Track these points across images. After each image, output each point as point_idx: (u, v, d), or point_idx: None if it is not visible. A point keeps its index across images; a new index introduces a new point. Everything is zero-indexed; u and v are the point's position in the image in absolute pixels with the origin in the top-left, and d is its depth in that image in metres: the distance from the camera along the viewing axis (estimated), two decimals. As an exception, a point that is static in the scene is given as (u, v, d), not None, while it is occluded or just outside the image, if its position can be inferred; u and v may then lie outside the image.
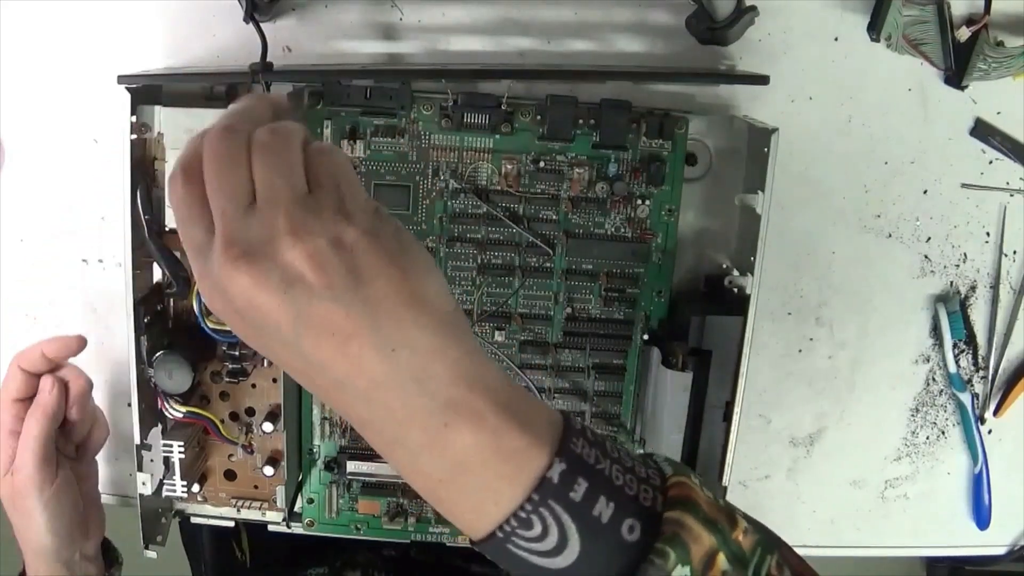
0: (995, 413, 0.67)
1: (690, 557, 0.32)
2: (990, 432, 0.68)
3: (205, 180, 0.34)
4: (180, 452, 0.58)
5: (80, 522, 0.59)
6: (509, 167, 0.58)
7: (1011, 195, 0.63)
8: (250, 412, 0.62)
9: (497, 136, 0.58)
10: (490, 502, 0.33)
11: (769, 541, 0.35)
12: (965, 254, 0.64)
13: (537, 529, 0.32)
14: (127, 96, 0.54)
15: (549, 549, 0.32)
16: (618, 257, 0.60)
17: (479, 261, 0.60)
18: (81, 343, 0.58)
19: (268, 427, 0.61)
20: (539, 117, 0.57)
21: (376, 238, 0.33)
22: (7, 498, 0.57)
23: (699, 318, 0.56)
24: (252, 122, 0.35)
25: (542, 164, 0.58)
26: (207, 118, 0.55)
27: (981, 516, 0.69)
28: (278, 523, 0.65)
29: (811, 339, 0.65)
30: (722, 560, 0.33)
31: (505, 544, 0.33)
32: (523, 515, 0.32)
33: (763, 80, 0.56)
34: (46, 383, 0.57)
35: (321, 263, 0.31)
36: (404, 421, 0.33)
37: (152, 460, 0.59)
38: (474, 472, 0.33)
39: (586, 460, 0.33)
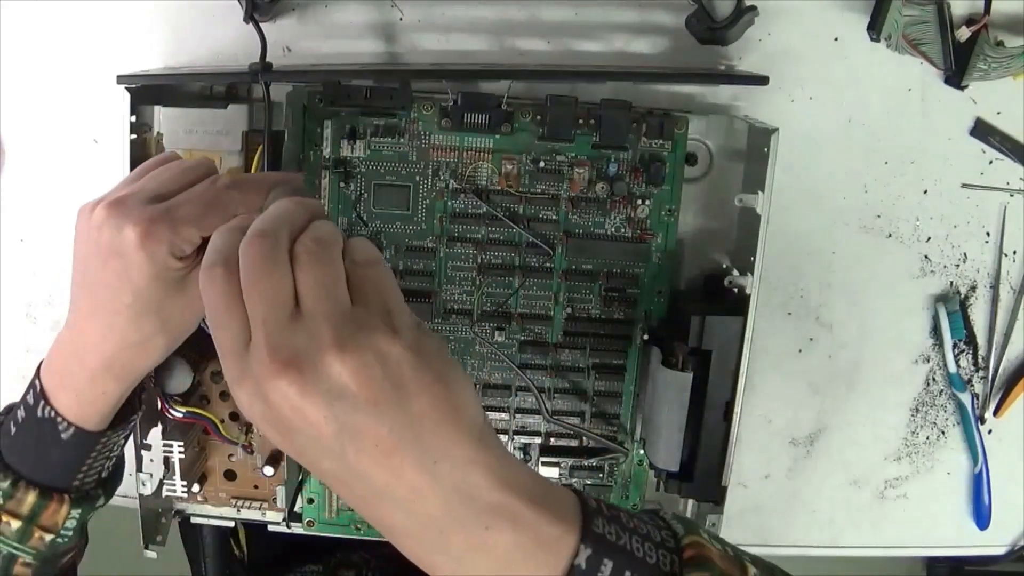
0: (995, 413, 0.67)
1: None
2: (990, 432, 0.68)
3: (243, 283, 0.34)
4: (180, 452, 0.58)
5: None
6: (509, 167, 0.58)
7: (1011, 195, 0.63)
8: (250, 412, 0.62)
9: (497, 136, 0.58)
10: None
11: None
12: (965, 254, 0.64)
13: None
14: (127, 96, 0.54)
15: None
16: (618, 257, 0.60)
17: (479, 261, 0.60)
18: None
19: (268, 427, 0.61)
20: (539, 117, 0.57)
21: (420, 354, 0.33)
22: None
23: (699, 318, 0.56)
24: (290, 227, 0.35)
25: (542, 164, 0.58)
26: (207, 118, 0.56)
27: (981, 516, 0.69)
28: (278, 523, 0.65)
29: (811, 339, 0.65)
30: None
31: None
32: None
33: (763, 80, 0.56)
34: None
35: (368, 378, 0.32)
36: (446, 529, 0.34)
37: (152, 460, 0.59)
38: (516, 566, 0.34)
39: (608, 539, 0.34)
